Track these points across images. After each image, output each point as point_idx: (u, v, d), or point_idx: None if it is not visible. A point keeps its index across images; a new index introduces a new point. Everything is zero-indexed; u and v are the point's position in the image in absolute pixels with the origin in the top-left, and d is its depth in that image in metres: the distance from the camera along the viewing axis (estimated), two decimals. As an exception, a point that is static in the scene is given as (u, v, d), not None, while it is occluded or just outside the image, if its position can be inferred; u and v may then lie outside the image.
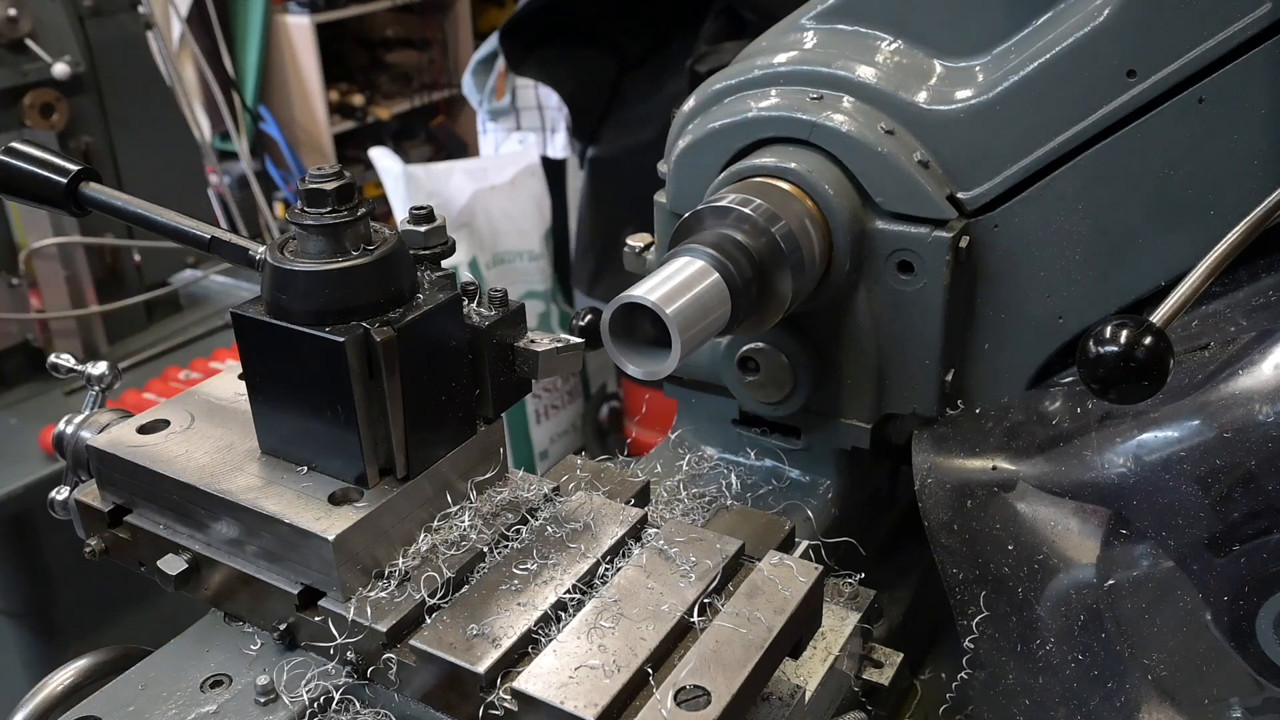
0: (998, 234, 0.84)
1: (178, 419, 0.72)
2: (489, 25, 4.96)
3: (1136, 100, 0.78)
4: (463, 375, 0.68)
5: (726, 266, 0.72)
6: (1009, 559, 0.78)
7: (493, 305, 0.70)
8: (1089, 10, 0.78)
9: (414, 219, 0.71)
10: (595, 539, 0.68)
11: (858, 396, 0.89)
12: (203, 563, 0.68)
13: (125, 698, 0.64)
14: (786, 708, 0.63)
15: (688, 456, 0.95)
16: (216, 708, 0.63)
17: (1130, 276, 0.82)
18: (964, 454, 0.84)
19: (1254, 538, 0.69)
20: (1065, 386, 0.84)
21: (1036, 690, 0.76)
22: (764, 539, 0.78)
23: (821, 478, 0.96)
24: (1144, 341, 0.65)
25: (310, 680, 0.63)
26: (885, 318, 0.86)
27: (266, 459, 0.67)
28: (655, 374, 0.69)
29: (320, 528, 0.61)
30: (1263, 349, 0.71)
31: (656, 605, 0.61)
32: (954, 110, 0.82)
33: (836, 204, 0.81)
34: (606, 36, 2.82)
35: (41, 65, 1.86)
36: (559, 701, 0.55)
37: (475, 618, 0.62)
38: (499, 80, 3.38)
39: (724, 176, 0.85)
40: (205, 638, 0.69)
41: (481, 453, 0.71)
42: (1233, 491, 0.70)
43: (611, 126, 2.89)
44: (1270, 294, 0.77)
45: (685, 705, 0.55)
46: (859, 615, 0.76)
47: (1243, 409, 0.69)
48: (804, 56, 0.88)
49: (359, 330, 0.61)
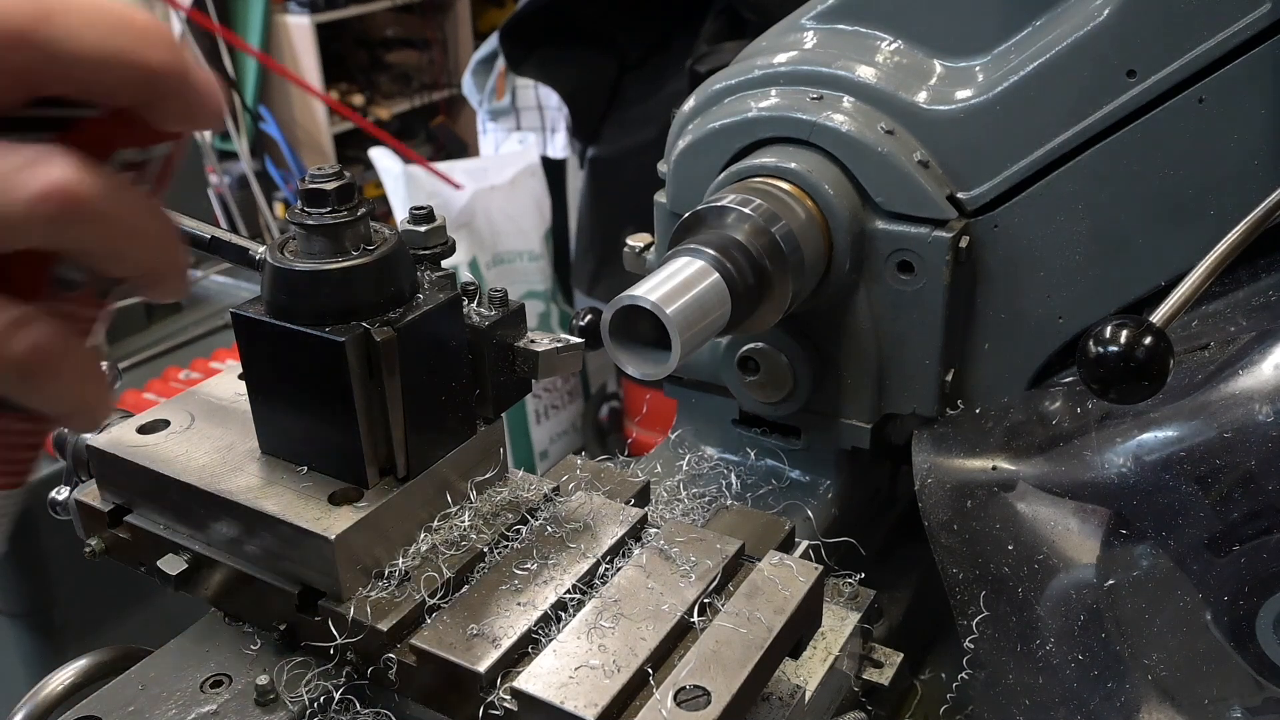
0: (998, 234, 0.84)
1: (178, 419, 0.72)
2: (489, 25, 4.96)
3: (1136, 100, 0.78)
4: (463, 375, 0.68)
5: (726, 266, 0.72)
6: (1009, 559, 0.78)
7: (493, 305, 0.70)
8: (1089, 10, 0.78)
9: (414, 219, 0.71)
10: (595, 539, 0.68)
11: (858, 396, 0.90)
12: (203, 563, 0.68)
13: (125, 698, 0.64)
14: (786, 708, 0.63)
15: (688, 456, 0.95)
16: (216, 708, 0.63)
17: (1130, 276, 0.82)
18: (964, 454, 0.84)
19: (1254, 538, 0.69)
20: (1065, 386, 0.84)
21: (1036, 690, 0.76)
22: (764, 539, 0.78)
23: (821, 478, 0.96)
24: (1144, 341, 0.65)
25: (310, 680, 0.63)
26: (885, 318, 0.86)
27: (266, 459, 0.67)
28: (655, 374, 0.69)
29: (320, 528, 0.61)
30: (1263, 349, 0.71)
31: (656, 605, 0.61)
32: (954, 110, 0.82)
33: (836, 204, 0.81)
34: (606, 36, 2.82)
35: (41, 65, 1.87)
36: (559, 701, 0.55)
37: (475, 618, 0.62)
38: (499, 80, 3.38)
39: (724, 176, 0.85)
40: (205, 638, 0.69)
41: (481, 453, 0.71)
42: (1233, 491, 0.70)
43: (611, 126, 2.89)
44: (1270, 294, 0.77)
45: (685, 705, 0.55)
46: (859, 615, 0.76)
47: (1243, 409, 0.69)
48: (804, 56, 0.88)
49: (359, 330, 0.60)
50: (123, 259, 0.44)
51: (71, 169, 0.41)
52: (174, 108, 0.45)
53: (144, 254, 0.45)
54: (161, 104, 0.44)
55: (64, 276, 0.45)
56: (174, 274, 0.47)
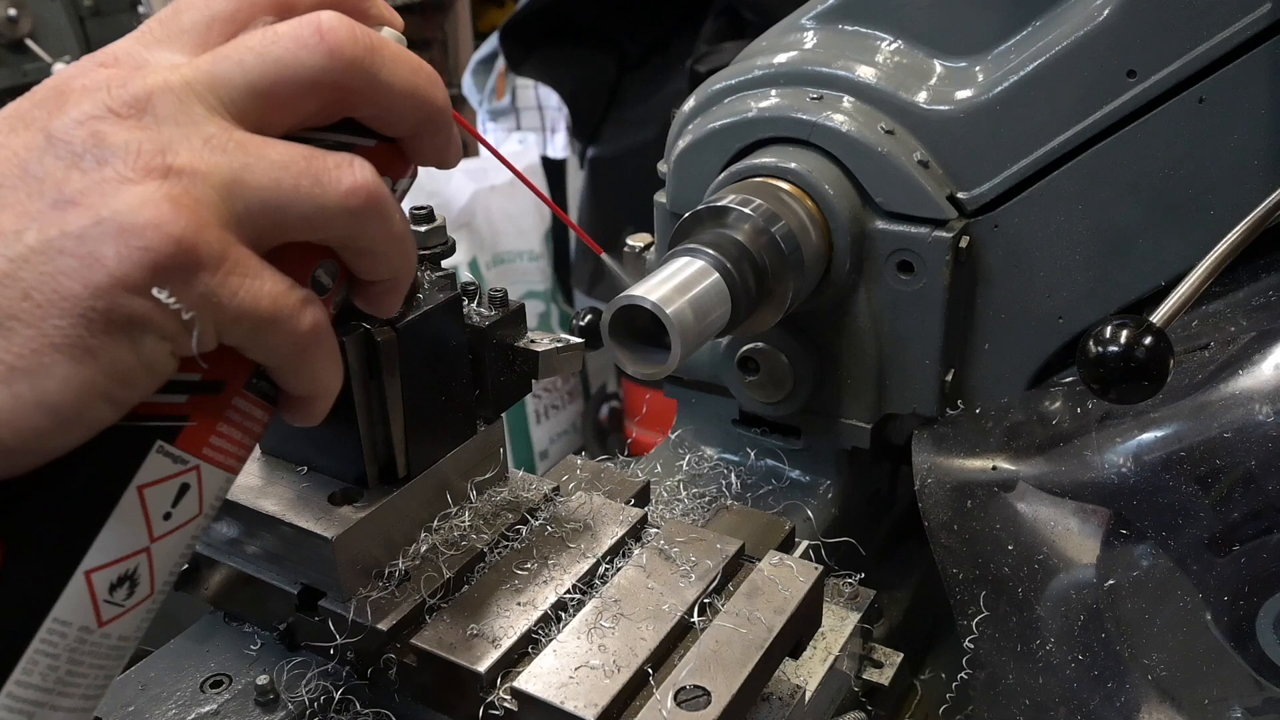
0: (998, 234, 0.84)
1: (178, 419, 0.72)
2: (489, 25, 4.95)
3: (1136, 100, 0.78)
4: (463, 375, 0.68)
5: (726, 266, 0.72)
6: (1009, 559, 0.78)
7: (493, 305, 0.70)
8: (1089, 10, 0.78)
9: (414, 219, 0.71)
10: (595, 539, 0.68)
11: (858, 396, 0.90)
12: (203, 563, 0.68)
13: (125, 698, 0.64)
14: (786, 708, 0.63)
15: (688, 456, 0.95)
16: (216, 708, 0.63)
17: (1130, 276, 0.82)
18: (964, 454, 0.84)
19: (1254, 538, 0.69)
20: (1065, 386, 0.84)
21: (1036, 690, 0.76)
22: (764, 539, 0.78)
23: (821, 478, 0.96)
24: (1144, 341, 0.65)
25: (310, 680, 0.63)
26: (885, 318, 0.86)
27: (266, 459, 0.67)
28: (655, 374, 0.69)
29: (320, 528, 0.61)
30: (1263, 349, 0.71)
31: (656, 605, 0.61)
32: (954, 110, 0.82)
33: (836, 204, 0.81)
34: (606, 36, 2.82)
35: (41, 65, 1.87)
36: (559, 701, 0.55)
37: (475, 618, 0.62)
38: (499, 80, 3.38)
39: (724, 176, 0.85)
40: (205, 638, 0.69)
41: (481, 453, 0.71)
42: (1233, 491, 0.70)
43: (611, 126, 2.89)
44: (1270, 294, 0.77)
45: (685, 705, 0.55)
46: (859, 615, 0.76)
47: (1243, 409, 0.69)
48: (804, 56, 0.88)
49: (359, 330, 0.61)
50: (384, 261, 0.51)
51: (372, 173, 0.48)
52: (436, 144, 0.53)
53: (399, 261, 0.51)
54: (429, 139, 0.52)
55: (319, 280, 0.50)
56: (406, 285, 0.54)
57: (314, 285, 0.49)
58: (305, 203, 0.45)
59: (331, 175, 0.46)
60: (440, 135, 0.53)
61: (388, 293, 0.53)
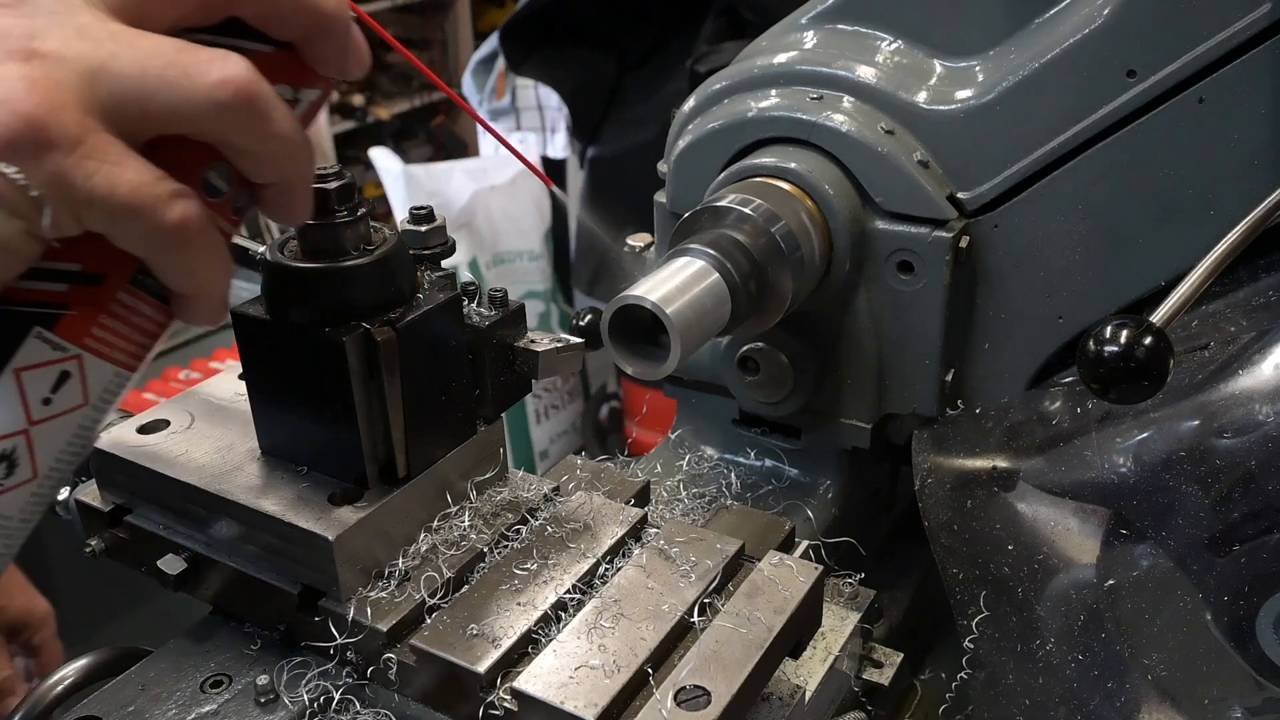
0: (998, 234, 0.84)
1: (178, 419, 0.72)
2: (489, 25, 4.96)
3: (1136, 100, 0.78)
4: (463, 375, 0.68)
5: (726, 266, 0.72)
6: (1009, 559, 0.78)
7: (493, 305, 0.70)
8: (1089, 10, 0.78)
9: (414, 219, 0.71)
10: (595, 539, 0.68)
11: (858, 396, 0.90)
12: (203, 563, 0.68)
13: (125, 698, 0.64)
14: (786, 708, 0.63)
15: (688, 456, 0.95)
16: (216, 708, 0.63)
17: (1130, 276, 0.82)
18: (964, 454, 0.84)
19: (1254, 538, 0.69)
20: (1065, 386, 0.84)
21: (1036, 690, 0.76)
22: (764, 539, 0.78)
23: (821, 478, 0.96)
24: (1144, 341, 0.65)
25: (310, 680, 0.63)
26: (885, 318, 0.86)
27: (266, 459, 0.67)
28: (655, 374, 0.69)
29: (320, 528, 0.61)
30: (1263, 349, 0.71)
31: (656, 605, 0.61)
32: (954, 110, 0.82)
33: (836, 204, 0.81)
34: (606, 36, 2.82)
35: None
36: (559, 701, 0.55)
37: (475, 618, 0.62)
38: (499, 80, 3.38)
39: (724, 176, 0.85)
40: (205, 638, 0.69)
41: (481, 453, 0.71)
42: (1233, 491, 0.70)
43: (611, 126, 2.89)
44: (1270, 294, 0.77)
45: (685, 705, 0.55)
46: (859, 615, 0.76)
47: (1243, 409, 0.69)
48: (804, 56, 0.88)
49: (359, 330, 0.61)
50: (269, 163, 0.50)
51: (247, 68, 0.47)
52: (332, 51, 0.52)
53: (287, 162, 0.51)
54: (323, 44, 0.52)
55: (211, 182, 0.50)
56: (302, 190, 0.53)
57: (207, 188, 0.50)
58: (170, 92, 0.46)
59: (201, 68, 0.46)
60: (333, 41, 0.52)
61: (281, 197, 0.53)
